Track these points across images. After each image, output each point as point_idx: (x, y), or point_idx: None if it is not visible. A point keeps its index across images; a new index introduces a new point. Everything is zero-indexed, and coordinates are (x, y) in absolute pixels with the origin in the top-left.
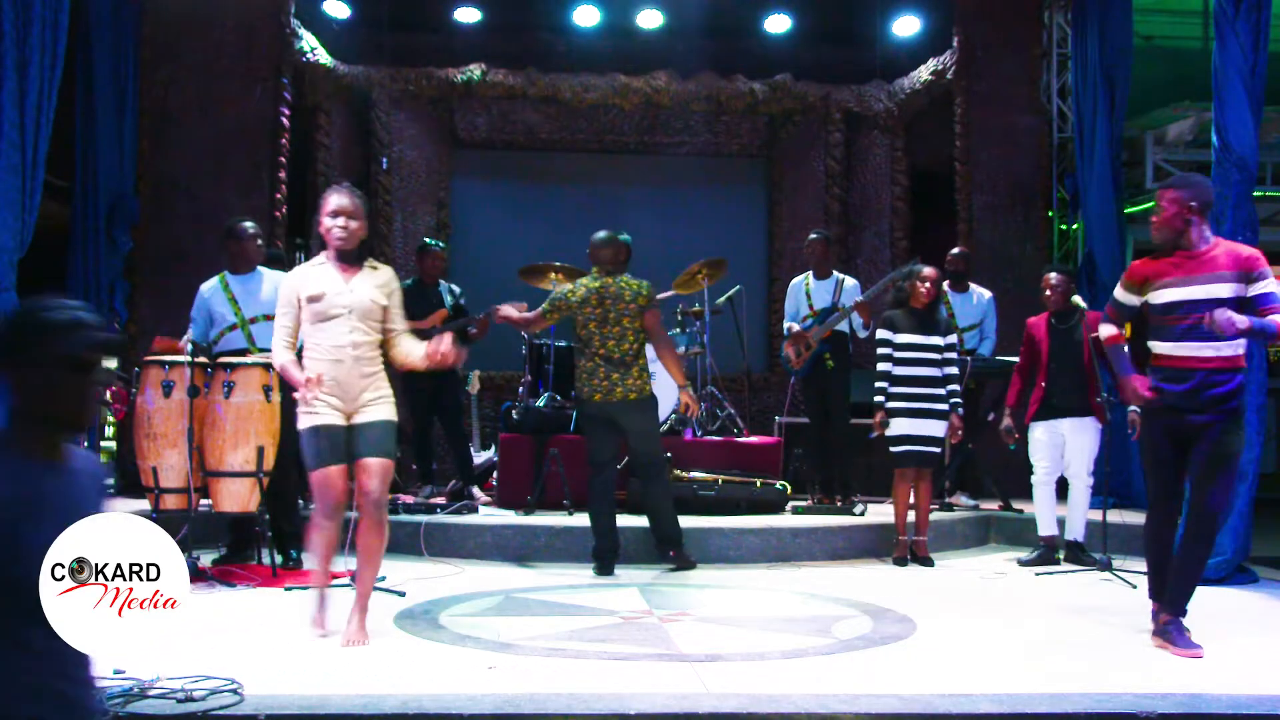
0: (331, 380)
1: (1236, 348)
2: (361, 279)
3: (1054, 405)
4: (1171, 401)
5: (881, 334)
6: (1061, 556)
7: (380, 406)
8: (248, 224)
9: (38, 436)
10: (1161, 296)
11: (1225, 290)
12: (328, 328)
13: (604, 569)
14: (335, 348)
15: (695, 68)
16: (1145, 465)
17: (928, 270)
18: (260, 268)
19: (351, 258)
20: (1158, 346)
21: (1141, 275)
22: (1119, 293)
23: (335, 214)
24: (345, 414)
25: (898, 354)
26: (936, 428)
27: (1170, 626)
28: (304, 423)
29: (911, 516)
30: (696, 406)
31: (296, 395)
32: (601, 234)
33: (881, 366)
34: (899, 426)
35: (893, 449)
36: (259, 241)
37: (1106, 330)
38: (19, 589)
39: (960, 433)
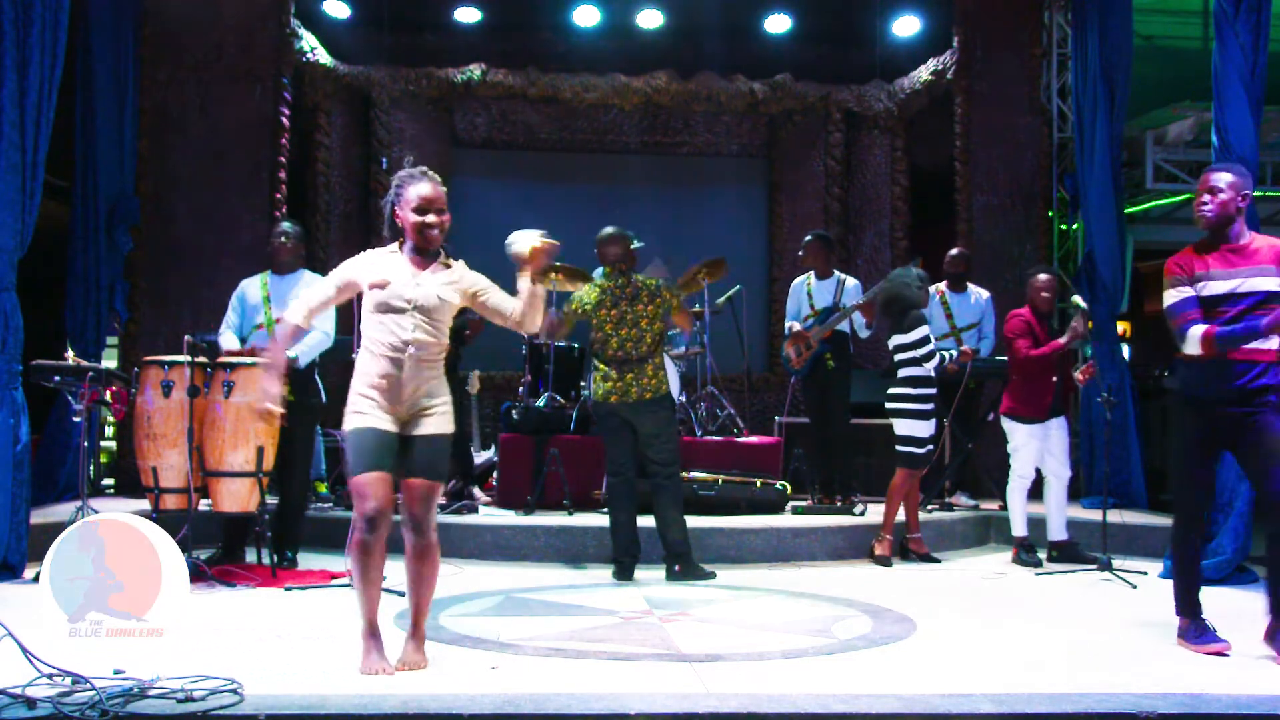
0: (385, 380)
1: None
2: (432, 274)
3: (1050, 405)
4: (1215, 396)
5: (922, 332)
6: (1048, 556)
7: (434, 418)
8: (284, 224)
9: None
10: (1210, 289)
11: (1271, 283)
12: (388, 321)
13: (623, 574)
14: (394, 345)
15: (695, 68)
16: (1181, 466)
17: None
18: (305, 272)
19: (430, 253)
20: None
21: (1191, 267)
22: (1176, 292)
23: (424, 208)
24: (397, 419)
25: (919, 351)
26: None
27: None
28: (350, 424)
29: (901, 515)
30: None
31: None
32: (608, 230)
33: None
34: (926, 429)
35: (917, 450)
36: (282, 240)
37: (1199, 330)
38: None
39: None
